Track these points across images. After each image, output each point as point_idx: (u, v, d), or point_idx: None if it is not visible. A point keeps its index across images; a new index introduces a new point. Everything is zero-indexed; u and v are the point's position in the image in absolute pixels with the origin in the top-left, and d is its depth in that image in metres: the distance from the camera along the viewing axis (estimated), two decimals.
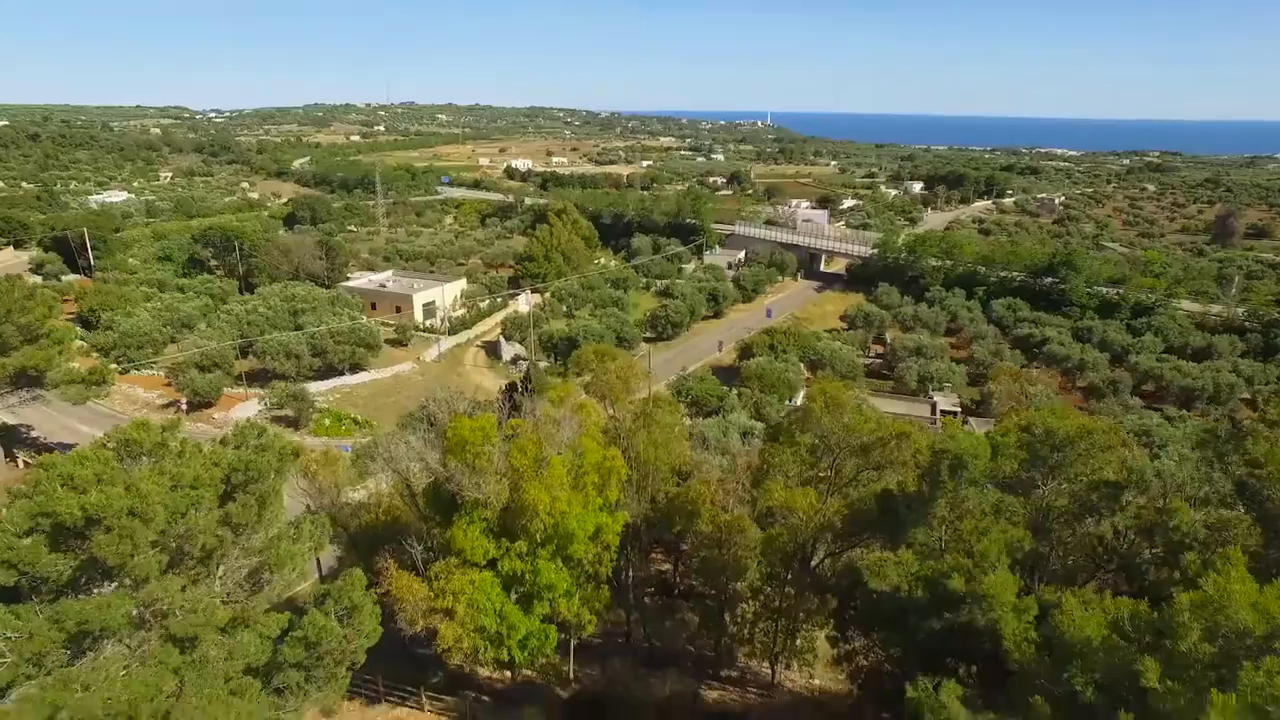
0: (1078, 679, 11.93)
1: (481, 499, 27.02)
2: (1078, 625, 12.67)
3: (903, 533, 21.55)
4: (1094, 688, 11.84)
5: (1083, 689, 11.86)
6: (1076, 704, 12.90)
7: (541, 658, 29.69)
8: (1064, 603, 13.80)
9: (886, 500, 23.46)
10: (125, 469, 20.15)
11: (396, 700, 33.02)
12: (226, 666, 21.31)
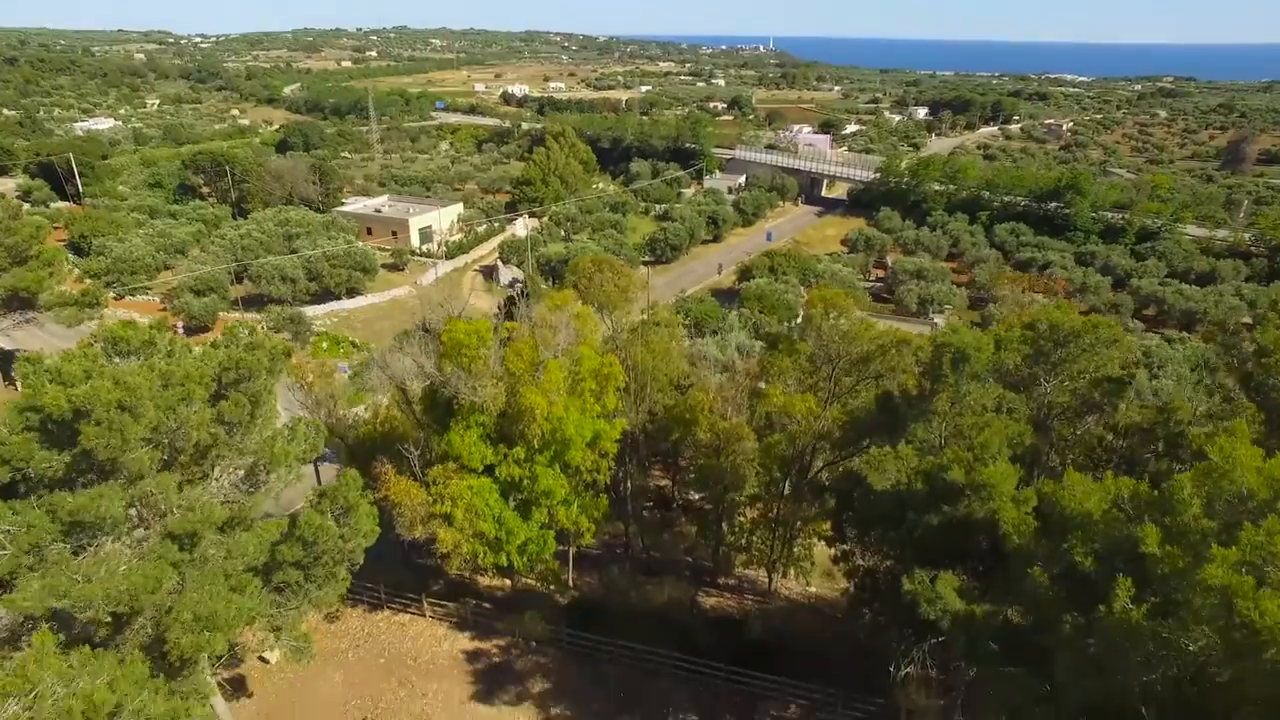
0: (1077, 549, 11.80)
1: (478, 403, 26.84)
2: (1079, 499, 12.51)
3: (902, 432, 21.38)
4: (1093, 557, 11.71)
5: (1081, 559, 11.73)
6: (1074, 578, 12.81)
7: (540, 564, 29.98)
8: (1065, 477, 13.67)
9: (886, 401, 23.26)
10: (114, 366, 19.87)
11: (398, 607, 33.54)
12: (226, 565, 21.41)
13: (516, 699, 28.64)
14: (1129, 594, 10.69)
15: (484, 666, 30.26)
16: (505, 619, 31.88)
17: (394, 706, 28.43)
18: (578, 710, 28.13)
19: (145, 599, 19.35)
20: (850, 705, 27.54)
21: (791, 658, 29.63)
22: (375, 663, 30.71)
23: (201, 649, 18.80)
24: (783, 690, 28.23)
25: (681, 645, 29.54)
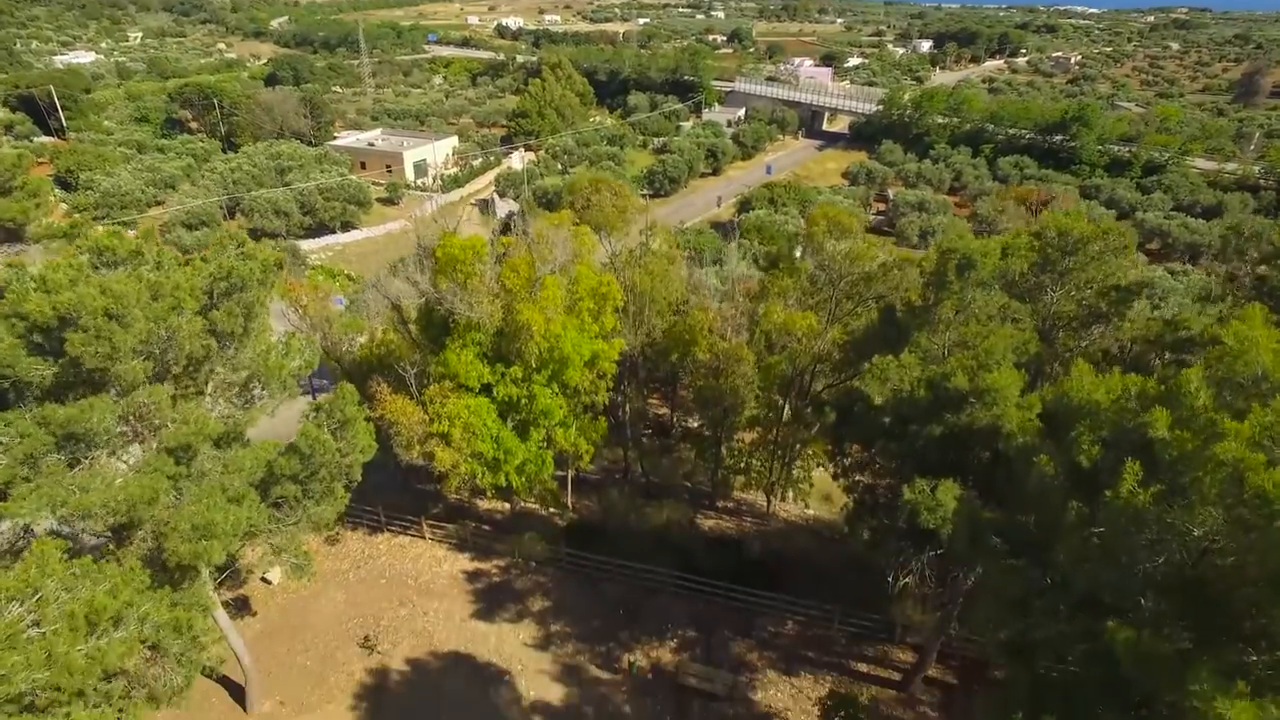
0: (1084, 437, 11.57)
1: (474, 321, 26.45)
2: (1086, 390, 12.24)
3: (904, 345, 21.05)
4: (1099, 445, 11.49)
5: (1088, 447, 11.51)
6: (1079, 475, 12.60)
7: (539, 485, 29.98)
8: (1074, 369, 13.39)
9: (888, 314, 22.91)
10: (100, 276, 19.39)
11: (398, 530, 33.74)
12: (224, 480, 21.28)
13: (517, 616, 28.97)
14: (1136, 477, 10.48)
15: (484, 586, 30.55)
16: (504, 540, 32.09)
17: (395, 624, 28.76)
18: (577, 627, 28.48)
19: (143, 510, 19.27)
20: (846, 620, 27.88)
21: (789, 576, 29.94)
22: (376, 583, 31.00)
23: (200, 557, 18.76)
24: (780, 607, 28.56)
25: (680, 564, 29.79)
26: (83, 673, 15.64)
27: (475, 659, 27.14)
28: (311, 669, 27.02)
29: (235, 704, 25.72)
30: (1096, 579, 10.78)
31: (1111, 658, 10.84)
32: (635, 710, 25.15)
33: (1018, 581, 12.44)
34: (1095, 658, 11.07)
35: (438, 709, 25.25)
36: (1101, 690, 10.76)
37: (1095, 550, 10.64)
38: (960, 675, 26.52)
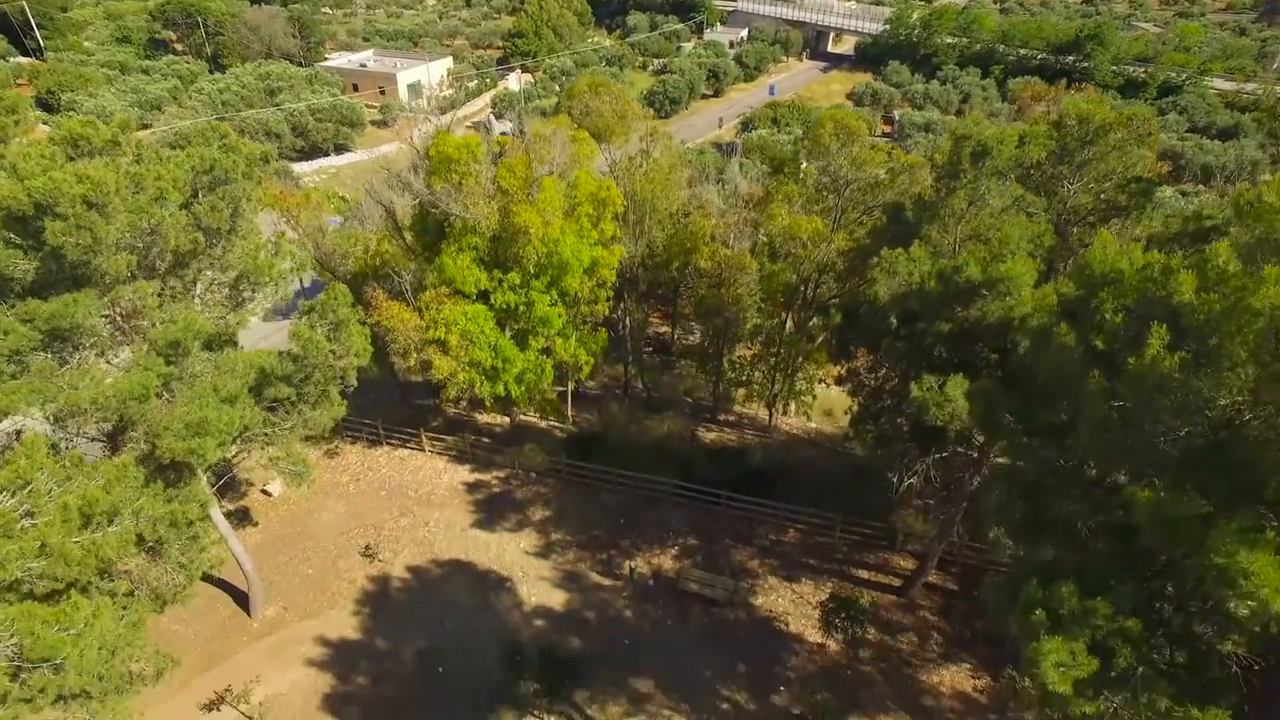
0: (1106, 305, 11.02)
1: (470, 224, 25.68)
2: (1110, 260, 11.65)
3: (913, 241, 20.33)
4: (1123, 314, 10.94)
5: (1111, 316, 10.97)
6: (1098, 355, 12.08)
7: (538, 395, 29.65)
8: (1097, 239, 12.79)
9: (895, 213, 22.15)
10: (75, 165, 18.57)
11: (397, 443, 33.59)
12: (216, 381, 20.84)
13: (517, 525, 28.99)
14: (1162, 341, 9.96)
15: (484, 496, 30.51)
16: (504, 452, 31.95)
17: (396, 534, 28.80)
18: (578, 535, 28.52)
19: (134, 408, 18.89)
20: (848, 529, 27.89)
21: (791, 485, 29.86)
22: (376, 494, 30.97)
23: (194, 454, 18.45)
24: (781, 515, 28.55)
25: (681, 474, 29.68)
26: (79, 563, 15.48)
27: (476, 566, 27.24)
28: (314, 577, 27.15)
29: (239, 609, 25.89)
30: (1117, 448, 10.37)
31: (1126, 532, 10.53)
32: (636, 615, 25.32)
33: (1031, 461, 12.08)
34: (1110, 531, 10.76)
35: (439, 614, 25.41)
36: (1115, 563, 10.46)
37: (1116, 420, 10.19)
38: (960, 581, 26.64)
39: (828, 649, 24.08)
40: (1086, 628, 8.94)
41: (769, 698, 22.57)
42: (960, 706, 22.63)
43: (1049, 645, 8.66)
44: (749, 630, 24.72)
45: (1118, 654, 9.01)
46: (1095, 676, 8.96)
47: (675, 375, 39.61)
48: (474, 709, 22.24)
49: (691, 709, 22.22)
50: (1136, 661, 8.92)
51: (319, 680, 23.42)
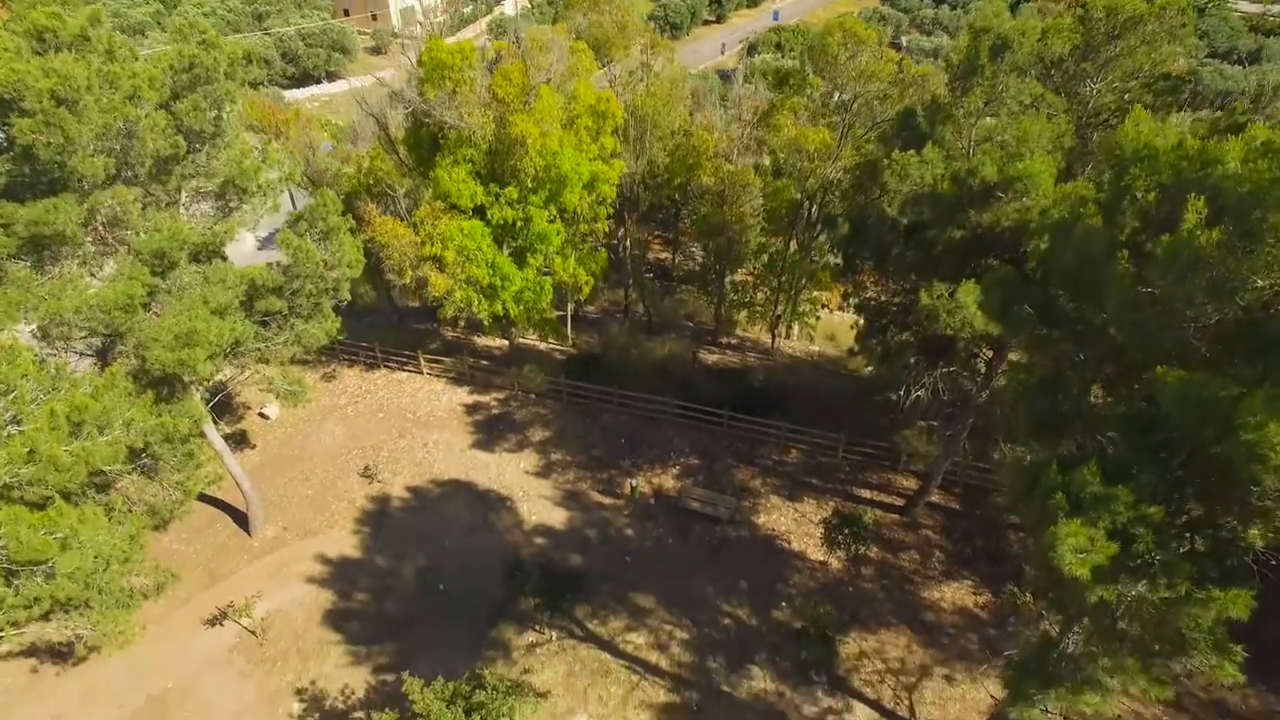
0: (1139, 182, 10.32)
1: (465, 134, 24.74)
2: (1143, 135, 10.89)
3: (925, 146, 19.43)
4: (1155, 192, 10.26)
5: (1143, 193, 10.28)
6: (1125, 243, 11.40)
7: (537, 314, 29.05)
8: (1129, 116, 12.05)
9: (906, 118, 21.15)
10: None
11: (395, 365, 33.17)
12: (205, 292, 20.23)
13: (517, 446, 28.73)
14: (1199, 216, 9.31)
15: (483, 418, 30.20)
16: (503, 374, 31.55)
17: (395, 455, 28.58)
18: (578, 455, 28.28)
19: (120, 319, 18.36)
20: (851, 449, 27.63)
21: (793, 406, 29.52)
22: (374, 416, 30.67)
23: (184, 365, 17.98)
24: (783, 435, 28.26)
25: (682, 395, 29.31)
26: (69, 470, 15.12)
27: (476, 486, 27.06)
28: (313, 497, 27.01)
29: (239, 529, 25.81)
30: (1145, 333, 9.79)
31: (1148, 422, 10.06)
32: (637, 533, 25.22)
33: (1050, 354, 11.54)
34: (1131, 422, 10.27)
35: (439, 532, 25.31)
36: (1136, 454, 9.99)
37: (1145, 299, 9.59)
38: (962, 501, 26.48)
39: (830, 566, 24.02)
40: (1106, 513, 8.53)
41: (770, 613, 22.57)
42: (961, 622, 22.64)
43: (1068, 529, 8.26)
44: (751, 548, 24.64)
45: (1138, 540, 8.62)
46: (1114, 563, 8.59)
47: (676, 300, 38.99)
48: (475, 625, 22.26)
49: (693, 623, 22.24)
50: (1157, 548, 8.53)
51: (320, 597, 23.42)
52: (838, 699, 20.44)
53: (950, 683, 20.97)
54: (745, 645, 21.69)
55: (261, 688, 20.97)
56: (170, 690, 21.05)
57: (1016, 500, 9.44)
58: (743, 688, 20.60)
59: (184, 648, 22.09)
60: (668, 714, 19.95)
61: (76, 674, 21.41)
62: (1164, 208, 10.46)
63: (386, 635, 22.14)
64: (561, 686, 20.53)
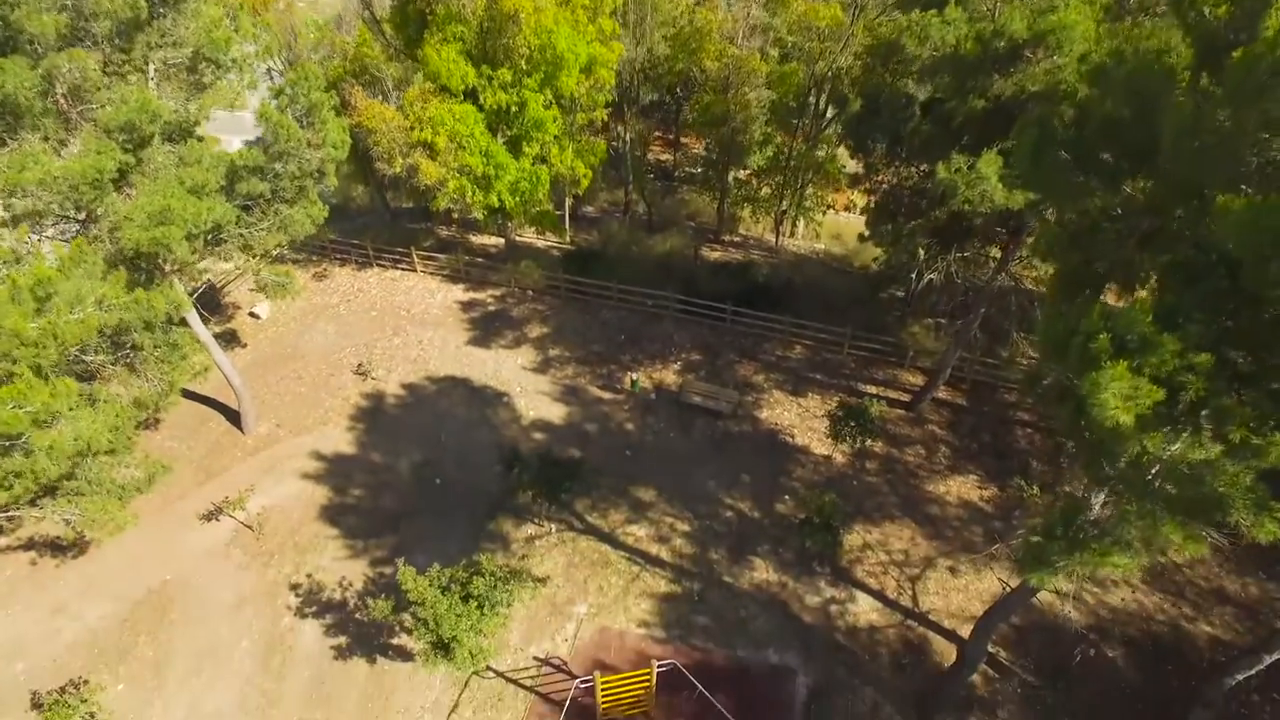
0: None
1: (454, 7, 23.11)
2: None
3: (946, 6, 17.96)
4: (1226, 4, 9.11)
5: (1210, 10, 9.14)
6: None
7: (534, 207, 27.88)
8: None
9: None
10: None
11: (388, 263, 32.18)
12: (180, 174, 19.10)
13: (514, 343, 28.02)
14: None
15: (479, 315, 29.40)
16: (500, 271, 30.62)
17: (389, 353, 27.89)
18: (577, 351, 27.59)
19: (89, 195, 17.30)
20: (856, 344, 26.90)
21: (797, 302, 28.71)
22: (367, 315, 29.87)
23: (159, 244, 17.05)
24: (788, 330, 27.50)
25: (684, 290, 28.43)
26: (35, 344, 14.38)
27: (472, 382, 26.46)
28: (306, 395, 26.44)
29: (232, 426, 25.32)
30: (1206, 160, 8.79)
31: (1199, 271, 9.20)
32: (637, 427, 24.73)
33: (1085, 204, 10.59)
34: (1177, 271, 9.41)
35: (435, 428, 24.83)
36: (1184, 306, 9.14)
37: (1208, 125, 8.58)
38: (970, 397, 25.93)
39: (834, 460, 23.61)
40: (1154, 357, 7.76)
41: (773, 506, 22.26)
42: (965, 515, 22.35)
43: (1113, 373, 7.51)
44: (753, 442, 24.19)
45: (1187, 388, 7.89)
46: (1158, 412, 7.88)
47: (678, 200, 37.69)
48: (472, 518, 21.97)
49: (694, 516, 21.95)
50: (1208, 394, 7.80)
51: (315, 492, 23.07)
52: (840, 589, 20.28)
53: (954, 574, 20.80)
54: (747, 537, 21.43)
55: (259, 579, 20.80)
56: (169, 582, 20.87)
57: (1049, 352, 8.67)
58: (744, 578, 20.41)
59: (181, 542, 21.83)
60: (669, 604, 19.80)
61: (76, 566, 21.22)
62: (1238, 20, 9.32)
63: (383, 529, 21.86)
64: (561, 577, 20.33)
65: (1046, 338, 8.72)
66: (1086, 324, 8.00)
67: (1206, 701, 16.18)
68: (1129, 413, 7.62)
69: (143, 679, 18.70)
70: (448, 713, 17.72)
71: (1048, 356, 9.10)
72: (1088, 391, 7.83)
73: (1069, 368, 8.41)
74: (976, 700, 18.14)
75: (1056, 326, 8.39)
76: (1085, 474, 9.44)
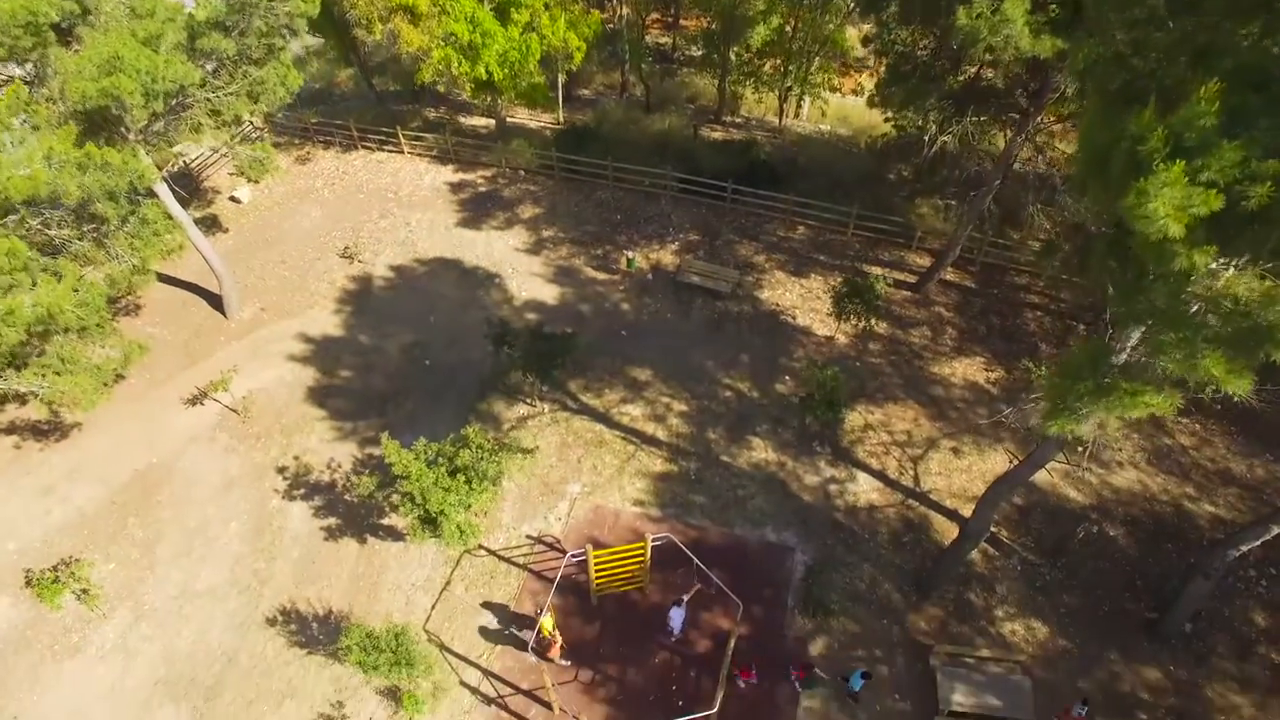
0: None
1: None
2: None
3: None
4: None
5: None
6: None
7: (525, 80, 26.20)
8: None
9: None
10: None
11: (374, 145, 30.66)
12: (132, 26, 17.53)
13: (506, 224, 26.88)
14: None
15: (469, 196, 28.14)
16: (491, 151, 29.16)
17: (377, 235, 26.80)
18: (571, 231, 26.48)
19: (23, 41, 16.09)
20: (862, 225, 25.74)
21: (801, 181, 27.38)
22: (353, 198, 28.61)
23: (109, 96, 15.78)
24: (790, 209, 26.29)
25: (683, 169, 27.05)
26: None
27: (463, 264, 25.47)
28: (291, 279, 25.50)
29: (214, 311, 24.49)
30: None
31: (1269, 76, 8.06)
32: (633, 307, 23.86)
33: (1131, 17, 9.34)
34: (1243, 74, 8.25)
35: (425, 310, 23.99)
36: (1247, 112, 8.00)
37: None
38: (979, 279, 24.96)
39: (836, 341, 22.84)
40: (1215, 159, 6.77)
41: (773, 386, 21.61)
42: (970, 397, 21.72)
43: (1168, 175, 6.54)
44: (753, 323, 23.37)
45: (1249, 197, 6.92)
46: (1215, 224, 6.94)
47: (677, 83, 35.69)
48: (463, 398, 21.35)
49: (692, 396, 21.33)
50: (1272, 203, 6.83)
51: (302, 375, 22.42)
52: (841, 469, 19.83)
53: (957, 454, 20.32)
54: (746, 417, 20.86)
55: (246, 462, 20.35)
56: (155, 465, 20.44)
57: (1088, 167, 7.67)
58: (743, 458, 19.93)
59: (166, 426, 21.30)
60: (665, 483, 19.38)
61: (60, 450, 20.77)
62: None
63: (372, 411, 21.29)
64: (555, 456, 19.86)
65: (1086, 148, 7.70)
66: (1136, 125, 6.97)
67: (1207, 572, 15.85)
68: (1180, 221, 6.67)
69: (133, 558, 18.48)
70: (440, 590, 17.51)
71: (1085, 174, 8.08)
72: (1134, 202, 6.86)
73: (1110, 183, 7.42)
74: (975, 577, 17.90)
75: (1098, 135, 7.36)
76: (1117, 312, 8.57)
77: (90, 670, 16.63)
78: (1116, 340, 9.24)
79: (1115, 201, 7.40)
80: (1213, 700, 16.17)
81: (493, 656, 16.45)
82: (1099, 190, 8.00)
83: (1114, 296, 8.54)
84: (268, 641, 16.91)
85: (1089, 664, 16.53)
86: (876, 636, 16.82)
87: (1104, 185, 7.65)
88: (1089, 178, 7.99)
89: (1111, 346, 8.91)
